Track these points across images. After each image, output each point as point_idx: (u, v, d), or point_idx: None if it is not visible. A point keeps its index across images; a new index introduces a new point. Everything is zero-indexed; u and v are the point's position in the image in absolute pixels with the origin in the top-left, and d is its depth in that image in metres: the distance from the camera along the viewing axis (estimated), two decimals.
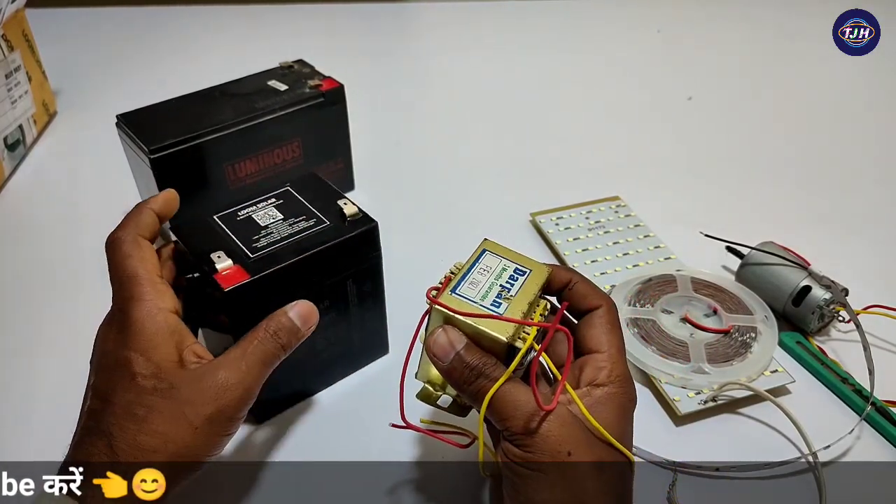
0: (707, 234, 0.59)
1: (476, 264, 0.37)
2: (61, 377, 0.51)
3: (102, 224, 0.68)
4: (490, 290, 0.35)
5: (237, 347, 0.36)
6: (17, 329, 0.56)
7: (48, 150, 0.82)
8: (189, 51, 1.08)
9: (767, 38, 1.09)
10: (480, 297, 0.35)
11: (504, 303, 0.35)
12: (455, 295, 0.35)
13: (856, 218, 0.67)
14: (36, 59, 0.84)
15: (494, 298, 0.35)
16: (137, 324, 0.35)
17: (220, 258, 0.42)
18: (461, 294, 0.35)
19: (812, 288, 0.51)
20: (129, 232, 0.39)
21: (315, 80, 0.64)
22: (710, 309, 0.52)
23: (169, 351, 0.35)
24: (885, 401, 0.46)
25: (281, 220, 0.45)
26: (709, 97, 0.91)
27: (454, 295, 0.35)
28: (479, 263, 0.37)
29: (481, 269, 0.37)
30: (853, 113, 0.88)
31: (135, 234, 0.39)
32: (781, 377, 0.48)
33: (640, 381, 0.50)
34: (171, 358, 0.35)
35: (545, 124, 0.86)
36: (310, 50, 0.75)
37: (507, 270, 0.37)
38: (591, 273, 0.58)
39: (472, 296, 0.35)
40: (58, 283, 0.61)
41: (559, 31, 1.14)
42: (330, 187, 0.49)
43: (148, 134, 0.56)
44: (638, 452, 0.44)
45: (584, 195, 0.68)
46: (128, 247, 0.38)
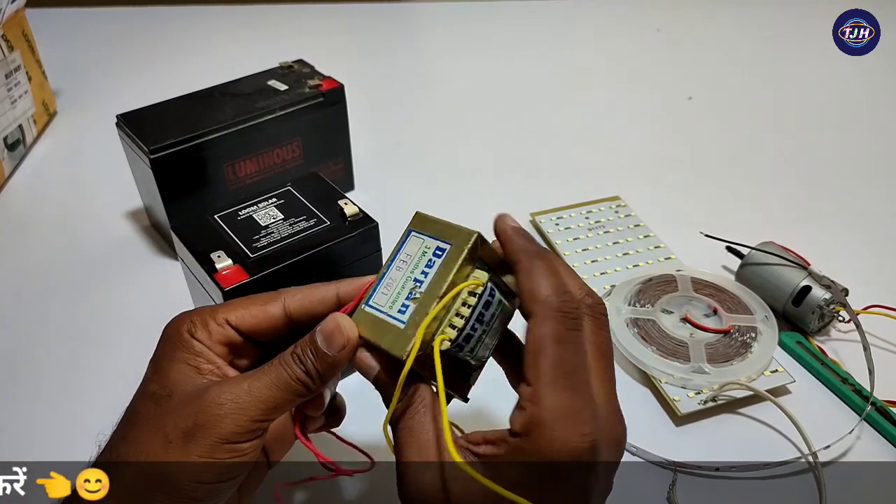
0: (707, 234, 0.59)
1: (396, 257, 0.31)
2: (61, 377, 0.51)
3: (102, 224, 0.69)
4: (402, 291, 0.30)
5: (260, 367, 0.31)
6: (17, 329, 0.56)
7: (48, 150, 0.82)
8: (189, 51, 1.08)
9: (767, 38, 1.09)
10: (390, 304, 0.30)
11: (411, 304, 0.29)
12: (367, 309, 0.31)
13: (856, 218, 0.67)
14: (36, 59, 0.84)
15: (403, 301, 0.30)
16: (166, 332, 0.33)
17: (219, 258, 0.42)
18: (374, 306, 0.31)
19: (812, 288, 0.51)
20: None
21: (315, 80, 0.64)
22: (710, 309, 0.52)
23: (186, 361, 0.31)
24: (885, 401, 0.46)
25: (281, 219, 0.45)
26: (709, 97, 0.91)
27: (367, 309, 0.31)
28: (399, 254, 0.31)
29: (401, 261, 0.31)
30: (853, 113, 0.88)
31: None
32: (781, 377, 0.48)
33: (640, 381, 0.50)
34: (184, 368, 0.31)
35: (545, 124, 0.86)
36: (310, 50, 0.75)
37: (426, 255, 0.30)
38: (591, 273, 0.58)
39: (384, 305, 0.30)
40: (57, 283, 0.61)
41: (559, 31, 1.14)
42: (331, 187, 0.49)
43: (148, 134, 0.56)
44: (638, 452, 0.44)
45: (584, 195, 0.68)
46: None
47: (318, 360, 0.30)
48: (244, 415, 0.29)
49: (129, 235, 0.66)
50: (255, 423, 0.29)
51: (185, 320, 0.33)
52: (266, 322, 0.33)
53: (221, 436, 0.28)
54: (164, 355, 0.32)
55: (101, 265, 0.63)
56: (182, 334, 0.32)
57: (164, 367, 0.31)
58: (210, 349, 0.32)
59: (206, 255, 0.42)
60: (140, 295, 0.59)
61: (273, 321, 0.33)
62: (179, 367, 0.31)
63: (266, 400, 0.29)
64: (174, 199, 0.58)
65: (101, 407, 0.49)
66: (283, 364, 0.30)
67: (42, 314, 0.58)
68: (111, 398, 0.46)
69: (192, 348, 0.32)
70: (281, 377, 0.30)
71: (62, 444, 0.46)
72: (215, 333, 0.32)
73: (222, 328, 0.32)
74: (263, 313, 0.33)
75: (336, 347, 0.30)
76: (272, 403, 0.29)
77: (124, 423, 0.31)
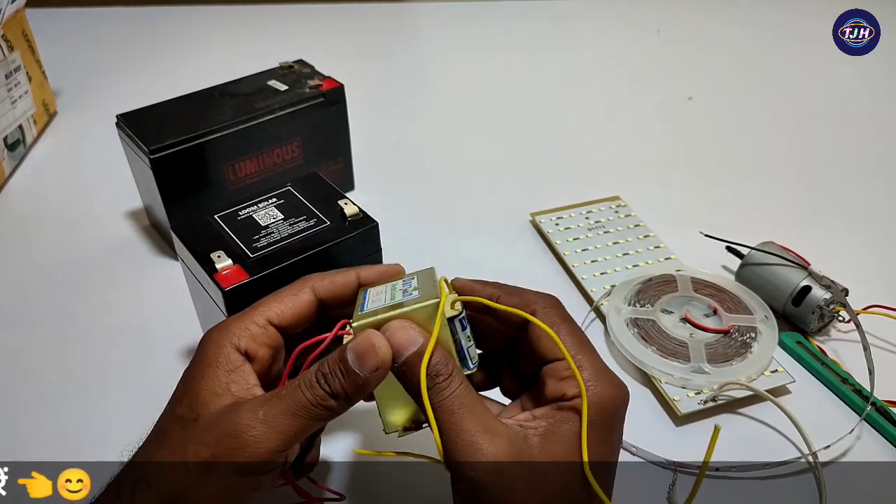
0: (707, 234, 0.59)
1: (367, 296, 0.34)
2: (61, 377, 0.51)
3: (102, 224, 0.69)
4: (394, 294, 0.33)
5: (276, 389, 0.30)
6: (17, 329, 0.56)
7: (48, 150, 0.82)
8: (189, 51, 1.08)
9: (767, 38, 1.09)
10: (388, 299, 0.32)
11: (415, 292, 0.32)
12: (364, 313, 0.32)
13: (856, 218, 0.67)
14: (36, 59, 0.84)
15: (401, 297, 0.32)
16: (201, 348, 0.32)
17: (219, 258, 0.42)
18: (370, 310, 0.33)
19: (812, 288, 0.51)
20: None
21: (315, 80, 0.64)
22: (710, 309, 0.52)
23: (217, 379, 0.30)
24: (885, 401, 0.46)
25: (282, 219, 0.45)
26: (709, 97, 0.91)
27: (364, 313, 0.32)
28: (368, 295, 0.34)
29: (374, 294, 0.34)
30: (853, 113, 0.88)
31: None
32: (781, 377, 0.48)
33: (640, 381, 0.50)
34: (215, 389, 0.30)
35: (545, 124, 0.86)
36: (310, 50, 0.75)
37: (397, 285, 0.34)
38: (591, 273, 0.58)
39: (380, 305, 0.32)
40: (57, 283, 0.61)
41: (559, 31, 1.14)
42: (331, 187, 0.49)
43: (148, 134, 0.56)
44: (638, 452, 0.44)
45: (584, 195, 0.68)
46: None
47: (347, 381, 0.28)
48: (262, 448, 0.28)
49: (129, 235, 0.66)
50: (272, 454, 0.28)
51: (227, 333, 0.31)
52: (303, 311, 0.33)
53: (238, 469, 0.28)
54: (196, 373, 0.31)
55: (101, 265, 0.63)
56: (223, 347, 0.31)
57: (194, 388, 0.30)
58: (255, 356, 0.31)
59: (206, 256, 0.42)
60: (140, 295, 0.59)
61: (308, 309, 0.33)
62: (208, 385, 0.30)
63: (284, 430, 0.28)
64: (174, 199, 0.58)
65: (101, 407, 0.49)
66: (303, 387, 0.29)
67: (41, 314, 0.58)
68: (111, 398, 0.46)
69: (230, 363, 0.31)
70: (300, 403, 0.28)
71: (59, 445, 0.46)
72: (259, 337, 0.32)
73: (265, 330, 0.32)
74: (299, 302, 0.33)
75: (369, 369, 0.28)
76: (291, 432, 0.28)
77: (151, 443, 0.30)
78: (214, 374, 0.30)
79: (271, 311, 0.32)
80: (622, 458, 0.44)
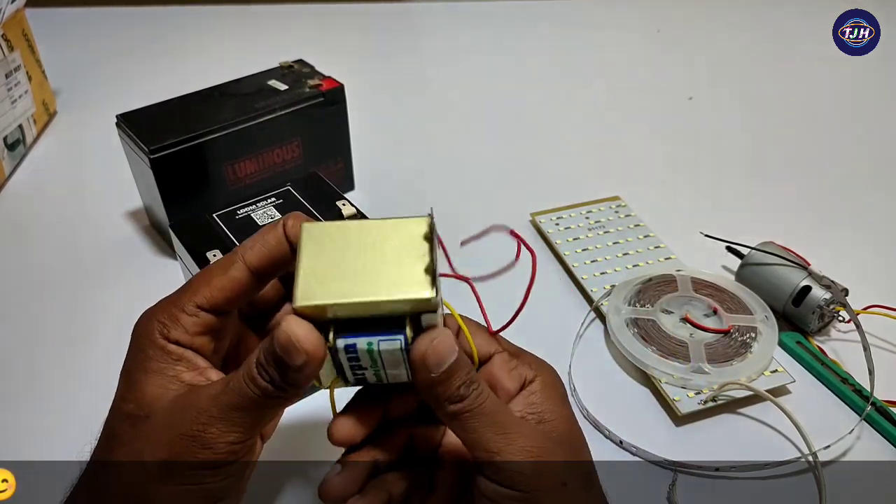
0: (707, 235, 0.59)
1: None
2: (60, 377, 0.51)
3: (102, 224, 0.69)
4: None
5: (225, 378, 0.28)
6: (16, 329, 0.56)
7: (48, 150, 0.82)
8: (189, 51, 1.08)
9: (767, 38, 1.09)
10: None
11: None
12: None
13: (856, 218, 0.67)
14: (36, 59, 0.84)
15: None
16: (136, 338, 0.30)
17: (215, 257, 0.42)
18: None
19: (812, 288, 0.51)
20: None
21: (315, 80, 0.64)
22: (710, 309, 0.52)
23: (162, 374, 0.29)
24: (885, 401, 0.46)
25: None
26: (709, 97, 0.91)
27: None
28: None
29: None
30: (853, 113, 0.88)
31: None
32: (781, 377, 0.48)
33: (640, 381, 0.50)
34: (162, 383, 0.28)
35: (545, 124, 0.86)
36: (310, 50, 0.75)
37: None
38: (591, 273, 0.58)
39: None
40: (57, 283, 0.61)
41: (559, 31, 1.14)
42: (331, 187, 0.49)
43: (148, 134, 0.57)
44: (638, 452, 0.44)
45: (584, 195, 0.68)
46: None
47: (279, 371, 0.26)
48: (220, 445, 0.27)
49: (129, 235, 0.66)
50: (233, 448, 0.27)
51: (153, 321, 0.29)
52: (236, 289, 0.30)
53: (199, 464, 0.27)
54: (137, 366, 0.29)
55: (101, 265, 0.63)
56: (155, 339, 0.29)
57: (139, 382, 0.29)
58: (190, 346, 0.29)
59: (202, 254, 0.42)
60: (140, 295, 0.58)
61: (241, 285, 0.30)
62: (155, 379, 0.28)
63: (239, 423, 0.27)
64: (174, 199, 0.58)
65: (101, 407, 0.49)
66: (246, 380, 0.27)
67: (41, 314, 0.58)
68: (109, 398, 0.46)
69: (170, 355, 0.29)
70: (247, 396, 0.27)
71: (59, 445, 0.46)
72: (191, 327, 0.29)
73: (195, 317, 0.29)
74: (229, 282, 0.30)
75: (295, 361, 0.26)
76: (247, 425, 0.27)
77: (103, 447, 0.29)
78: (157, 368, 0.29)
79: (199, 295, 0.29)
80: (622, 457, 0.44)
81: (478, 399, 0.28)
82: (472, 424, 0.28)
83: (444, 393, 0.28)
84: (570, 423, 0.31)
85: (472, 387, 0.28)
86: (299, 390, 0.27)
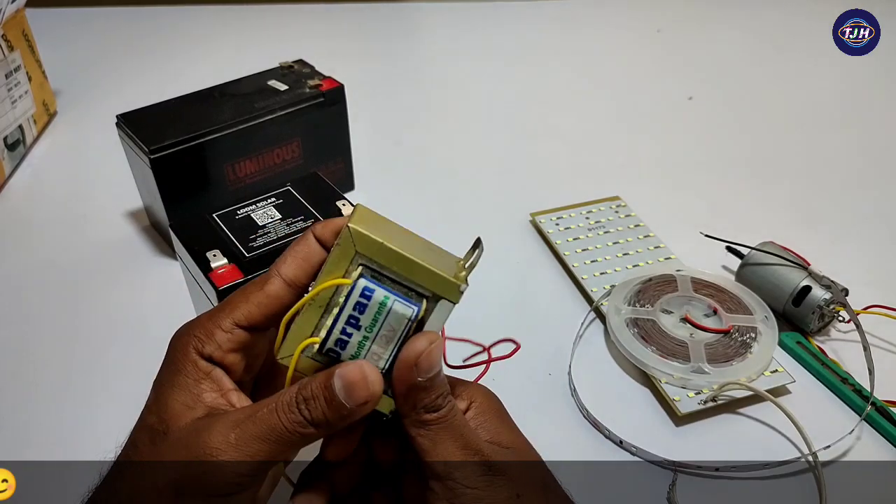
0: (707, 235, 0.59)
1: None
2: (60, 377, 0.51)
3: (102, 224, 0.69)
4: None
5: (252, 406, 0.28)
6: (16, 329, 0.56)
7: (48, 150, 0.82)
8: (189, 51, 1.08)
9: (767, 38, 1.09)
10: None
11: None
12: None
13: (856, 218, 0.67)
14: (36, 59, 0.84)
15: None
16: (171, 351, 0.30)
17: (215, 256, 0.42)
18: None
19: (812, 288, 0.51)
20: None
21: (315, 80, 0.64)
22: (710, 309, 0.52)
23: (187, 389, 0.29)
24: (885, 401, 0.46)
25: (279, 219, 0.45)
26: (709, 97, 0.91)
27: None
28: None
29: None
30: (853, 113, 0.88)
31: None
32: (781, 377, 0.48)
33: (640, 381, 0.50)
34: (185, 400, 0.28)
35: (545, 124, 0.86)
36: (310, 50, 0.75)
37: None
38: (591, 273, 0.58)
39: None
40: (57, 283, 0.61)
41: (559, 31, 1.14)
42: (330, 187, 0.49)
43: (148, 134, 0.57)
44: (638, 452, 0.44)
45: (584, 195, 0.68)
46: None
47: (330, 411, 0.26)
48: (227, 473, 0.26)
49: (129, 235, 0.66)
50: (240, 479, 0.26)
51: (191, 338, 0.29)
52: (273, 304, 0.30)
53: (209, 492, 0.26)
54: (165, 380, 0.29)
55: (101, 265, 0.63)
56: (188, 353, 0.29)
57: (164, 396, 0.29)
58: (222, 363, 0.29)
59: (202, 254, 0.42)
60: (140, 295, 0.59)
61: (279, 300, 0.30)
62: (179, 395, 0.28)
63: (254, 455, 0.26)
64: (174, 199, 0.58)
65: (100, 407, 0.49)
66: (279, 411, 0.27)
67: (41, 314, 0.58)
68: (110, 398, 0.46)
69: (199, 371, 0.29)
70: (275, 427, 0.26)
71: (59, 445, 0.46)
72: (225, 343, 0.29)
73: (230, 334, 0.29)
74: (267, 298, 0.30)
75: (357, 401, 0.26)
76: (261, 457, 0.26)
77: (124, 453, 0.29)
78: (184, 384, 0.28)
79: (238, 312, 0.30)
80: (622, 457, 0.44)
81: (451, 412, 0.28)
82: (440, 436, 0.28)
83: (422, 400, 0.28)
84: (514, 436, 0.31)
85: (447, 399, 0.28)
86: (330, 431, 0.27)
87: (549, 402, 0.49)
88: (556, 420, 0.47)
